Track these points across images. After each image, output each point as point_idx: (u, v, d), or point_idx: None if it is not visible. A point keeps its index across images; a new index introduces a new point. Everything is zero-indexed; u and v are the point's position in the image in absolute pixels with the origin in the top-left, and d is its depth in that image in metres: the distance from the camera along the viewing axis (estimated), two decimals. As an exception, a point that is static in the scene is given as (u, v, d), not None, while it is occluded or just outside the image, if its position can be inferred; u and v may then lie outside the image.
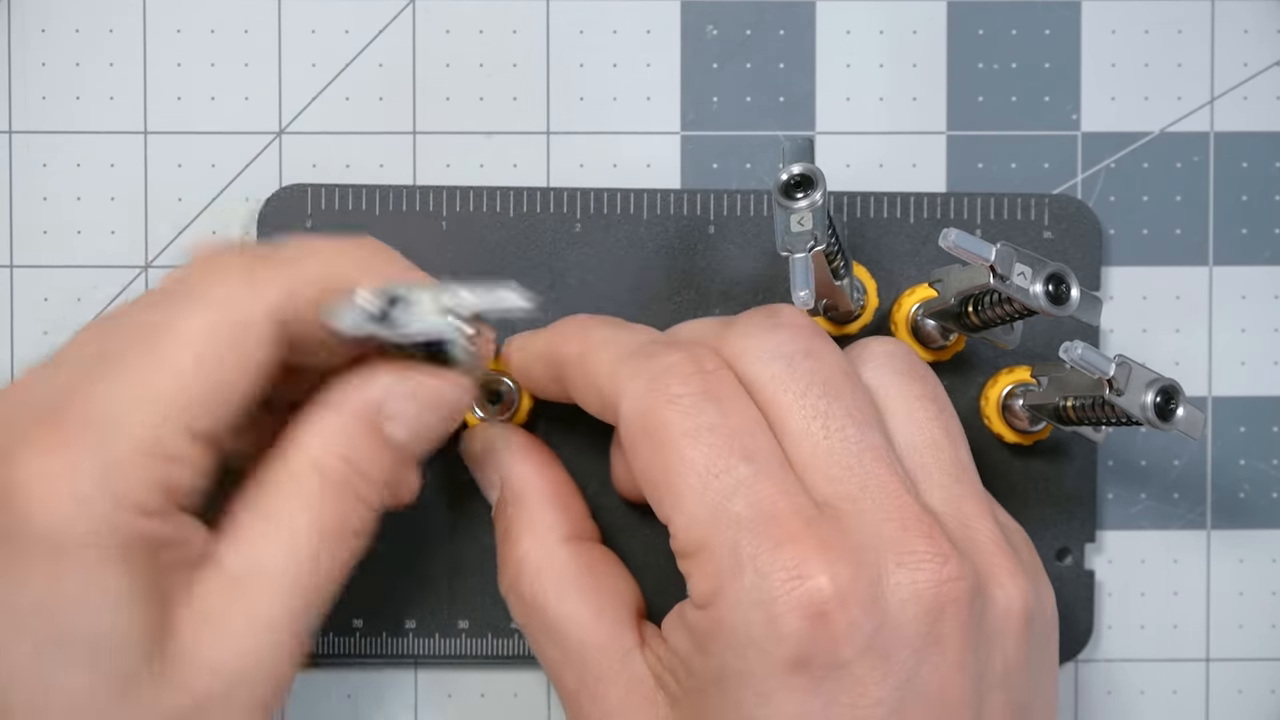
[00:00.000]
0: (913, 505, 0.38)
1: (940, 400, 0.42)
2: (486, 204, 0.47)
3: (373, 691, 0.49)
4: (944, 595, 0.37)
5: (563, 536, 0.43)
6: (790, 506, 0.38)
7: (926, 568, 0.37)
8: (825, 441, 0.39)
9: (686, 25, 0.49)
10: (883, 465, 0.39)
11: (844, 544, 0.37)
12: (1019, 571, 0.40)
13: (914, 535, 0.38)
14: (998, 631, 0.39)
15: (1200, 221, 0.49)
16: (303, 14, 0.48)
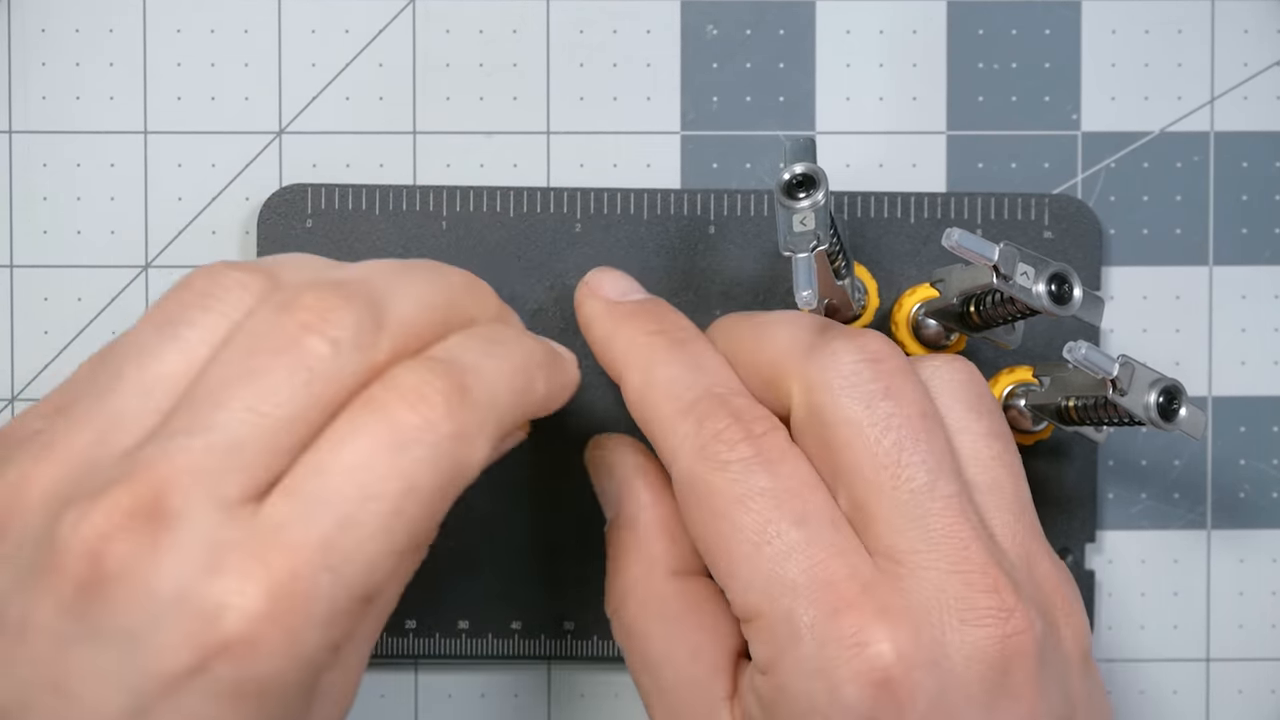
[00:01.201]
0: (979, 556, 0.38)
1: (1005, 436, 0.41)
2: (486, 204, 0.47)
3: (373, 691, 0.49)
4: (1010, 650, 0.37)
5: (670, 570, 0.42)
6: (846, 570, 0.37)
7: (991, 624, 0.37)
8: (894, 493, 0.38)
9: (686, 25, 0.49)
10: (952, 514, 0.38)
11: (904, 606, 0.37)
12: (1078, 609, 0.40)
13: (979, 591, 0.37)
14: (1064, 673, 0.39)
15: (1200, 221, 0.49)
16: (303, 14, 0.48)
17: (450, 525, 0.47)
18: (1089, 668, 0.40)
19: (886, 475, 0.38)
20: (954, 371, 0.41)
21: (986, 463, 0.40)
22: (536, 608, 0.47)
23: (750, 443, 0.39)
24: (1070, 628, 0.39)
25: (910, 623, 0.37)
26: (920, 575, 0.37)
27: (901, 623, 0.37)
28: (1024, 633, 0.37)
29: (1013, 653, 0.37)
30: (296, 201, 0.47)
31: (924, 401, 0.39)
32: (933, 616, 0.37)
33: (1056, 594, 0.39)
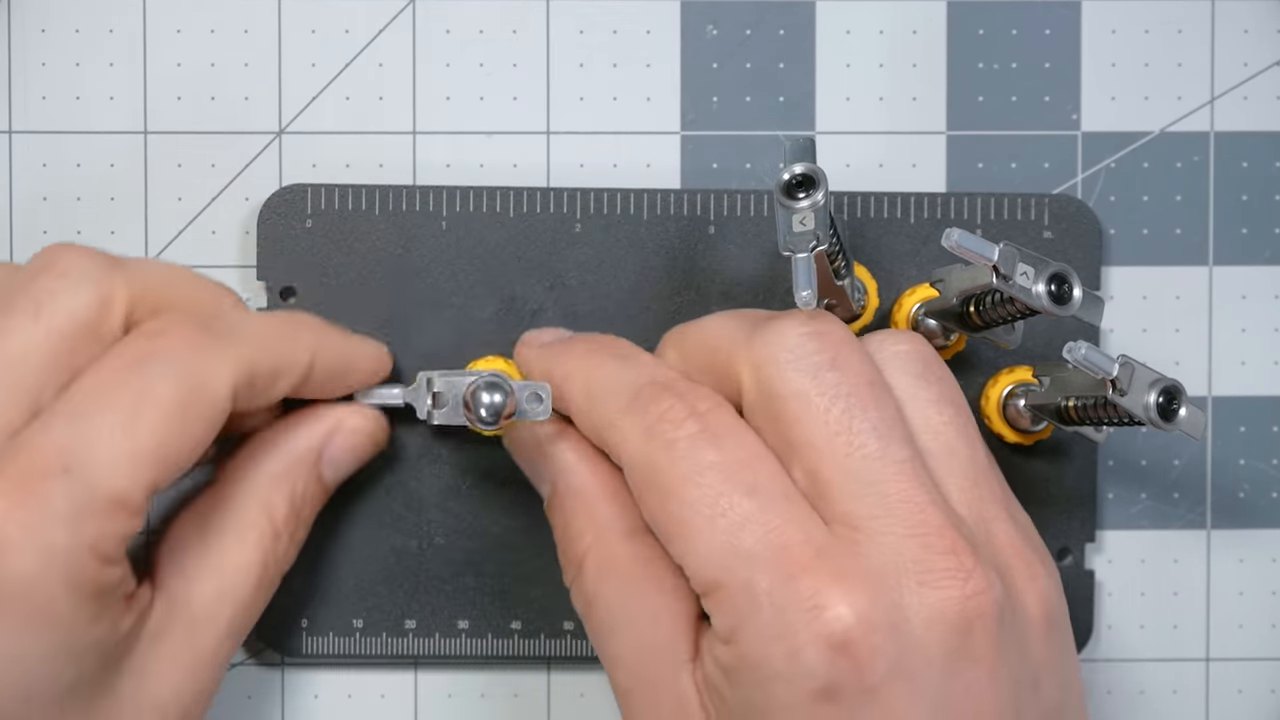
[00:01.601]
0: (935, 519, 0.38)
1: (956, 401, 0.41)
2: (486, 204, 0.47)
3: (373, 691, 0.49)
4: (970, 610, 0.37)
5: (623, 531, 0.42)
6: (800, 536, 0.37)
7: (950, 585, 0.37)
8: (847, 460, 0.38)
9: (686, 25, 0.49)
10: (906, 479, 0.38)
11: (860, 569, 0.37)
12: (1039, 571, 0.39)
13: (936, 553, 0.37)
14: (1025, 636, 0.39)
15: (1200, 221, 0.49)
16: (303, 14, 0.48)
17: (450, 526, 0.47)
18: (1054, 630, 0.40)
19: (839, 443, 0.38)
20: (898, 342, 0.41)
21: (938, 429, 0.40)
22: (536, 608, 0.47)
23: (695, 419, 0.39)
24: (1033, 591, 0.39)
25: (868, 586, 0.37)
26: (877, 540, 0.37)
27: (859, 586, 0.37)
28: (983, 593, 0.37)
29: (973, 614, 0.37)
30: (296, 201, 0.47)
31: (870, 371, 0.40)
32: (890, 579, 0.37)
33: (1017, 558, 0.39)
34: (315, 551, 0.47)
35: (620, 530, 0.42)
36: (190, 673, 0.40)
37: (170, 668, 0.40)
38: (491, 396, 0.42)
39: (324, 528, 0.47)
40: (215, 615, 0.41)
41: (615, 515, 0.43)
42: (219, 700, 0.48)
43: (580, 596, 0.43)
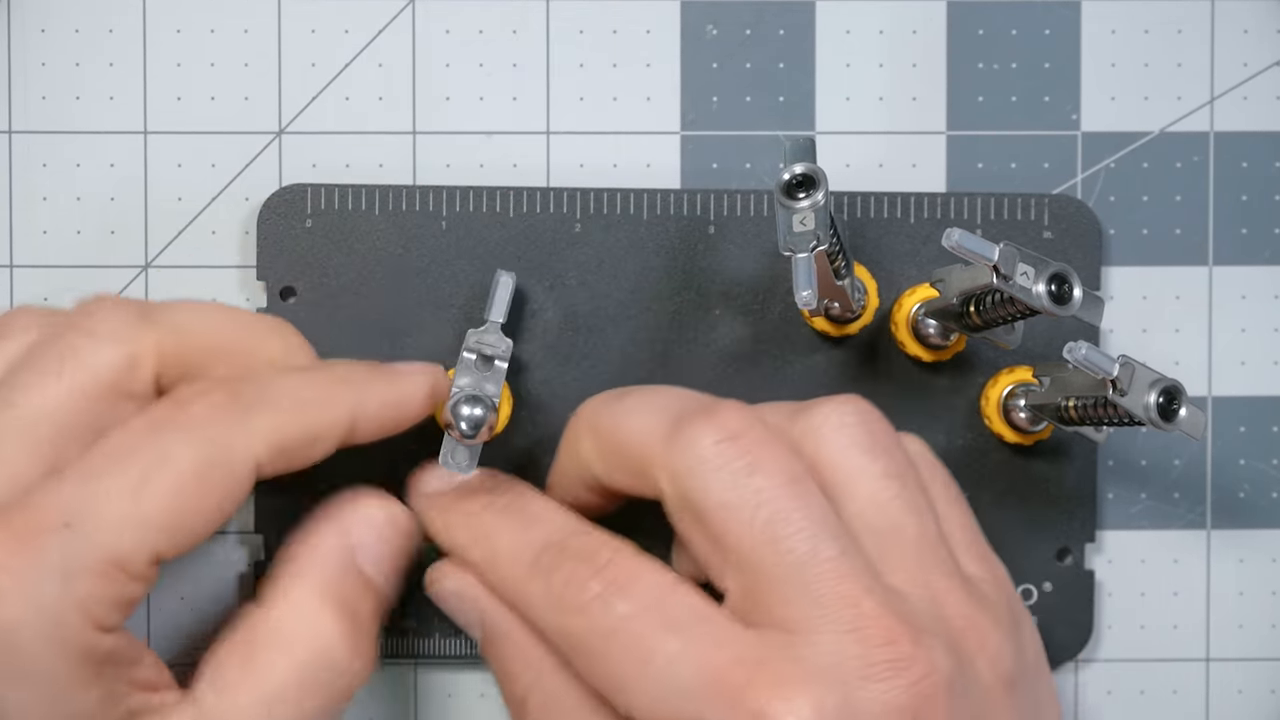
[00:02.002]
0: (872, 610, 0.37)
1: (903, 474, 0.40)
2: (486, 204, 0.47)
3: (373, 691, 0.49)
4: (917, 696, 0.37)
5: (559, 665, 0.41)
6: (731, 658, 0.37)
7: (893, 675, 0.37)
8: (776, 567, 0.38)
9: (686, 25, 0.49)
10: (838, 576, 0.38)
11: (801, 675, 0.37)
12: (994, 634, 0.39)
13: (875, 645, 0.37)
14: (984, 703, 0.38)
15: (1200, 221, 0.49)
16: (303, 14, 0.48)
17: (450, 525, 0.47)
18: (1014, 692, 0.39)
19: (766, 551, 0.38)
20: (844, 415, 0.40)
21: (885, 505, 0.40)
22: (536, 608, 0.47)
23: (598, 578, 0.39)
24: (984, 657, 0.39)
25: (811, 689, 0.36)
26: (815, 641, 0.37)
27: (801, 691, 0.36)
28: (927, 677, 0.37)
29: (920, 699, 0.37)
30: (296, 201, 0.47)
31: (791, 466, 0.39)
32: (833, 678, 0.37)
33: (969, 628, 0.39)
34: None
35: (554, 664, 0.41)
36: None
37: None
38: (472, 410, 0.43)
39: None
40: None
41: (548, 651, 0.42)
42: (219, 700, 0.48)
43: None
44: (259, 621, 0.40)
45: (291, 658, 0.39)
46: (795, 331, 0.47)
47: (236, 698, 0.39)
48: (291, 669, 0.39)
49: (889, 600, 0.38)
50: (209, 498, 0.38)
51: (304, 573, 0.41)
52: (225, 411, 0.39)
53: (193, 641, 0.48)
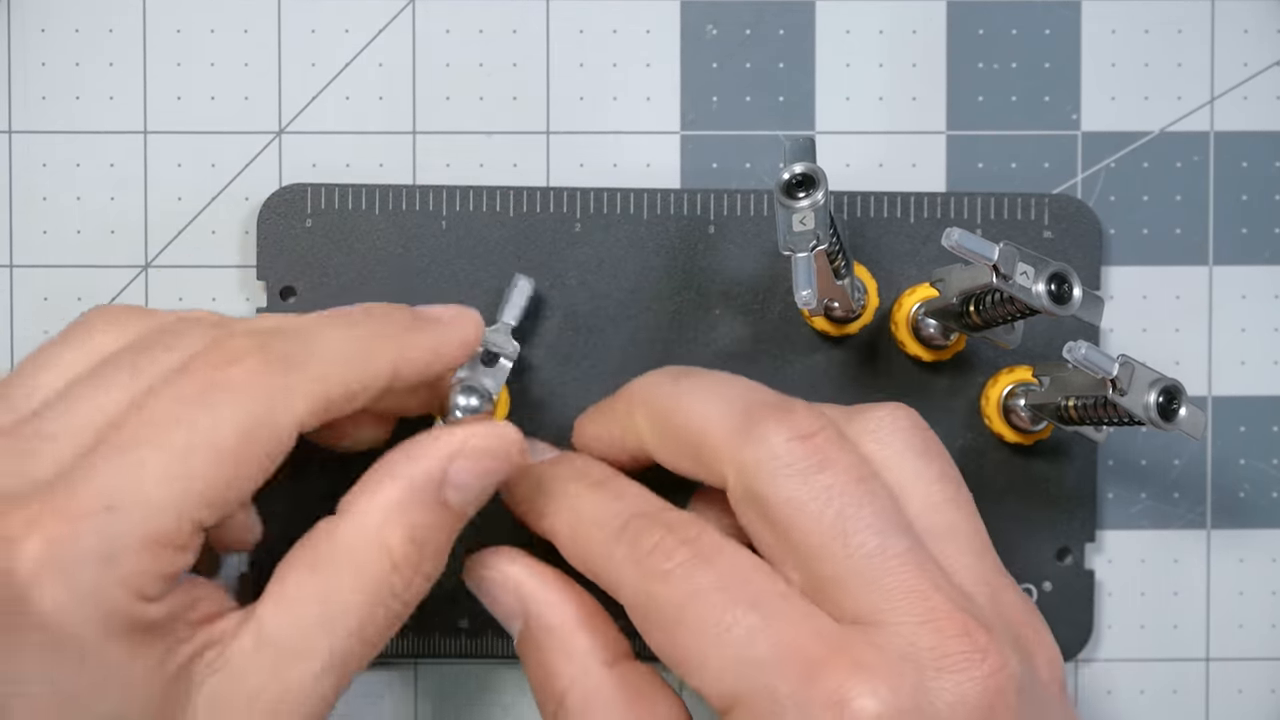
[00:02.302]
0: (944, 604, 0.38)
1: (955, 478, 0.41)
2: (486, 204, 0.47)
3: (373, 691, 0.49)
4: (991, 690, 0.37)
5: (603, 662, 0.42)
6: (812, 635, 0.37)
7: (968, 667, 0.37)
8: (847, 560, 0.38)
9: (686, 25, 0.49)
10: (909, 570, 0.38)
11: (878, 659, 0.37)
12: (1047, 639, 0.40)
13: (949, 636, 0.37)
14: (1044, 701, 0.39)
15: (1200, 221, 0.49)
16: (303, 14, 0.48)
17: (450, 525, 0.47)
18: (1064, 696, 0.40)
19: (836, 545, 0.38)
20: (898, 419, 0.41)
21: (941, 507, 0.40)
22: (536, 608, 0.47)
23: (686, 546, 0.39)
24: (1043, 657, 0.39)
25: (888, 675, 0.36)
26: (890, 631, 0.37)
27: (879, 675, 0.36)
28: (1000, 670, 0.37)
29: (993, 692, 0.37)
30: (296, 201, 0.47)
31: (859, 465, 0.39)
32: (909, 667, 0.37)
33: (1026, 626, 0.40)
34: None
35: (601, 661, 0.42)
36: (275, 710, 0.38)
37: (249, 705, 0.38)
38: (468, 400, 0.42)
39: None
40: (312, 648, 0.38)
41: (595, 646, 0.42)
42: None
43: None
44: (325, 536, 0.39)
45: (355, 579, 0.39)
46: (795, 331, 0.47)
47: (298, 615, 0.38)
48: (355, 587, 0.39)
49: (958, 597, 0.38)
50: (252, 464, 0.37)
51: (383, 492, 0.40)
52: (267, 375, 0.38)
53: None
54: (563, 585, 0.43)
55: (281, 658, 0.38)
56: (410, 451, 0.40)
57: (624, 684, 0.41)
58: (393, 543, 0.39)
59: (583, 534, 0.41)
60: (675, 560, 0.39)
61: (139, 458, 0.36)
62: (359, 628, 0.39)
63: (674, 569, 0.39)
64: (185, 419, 0.37)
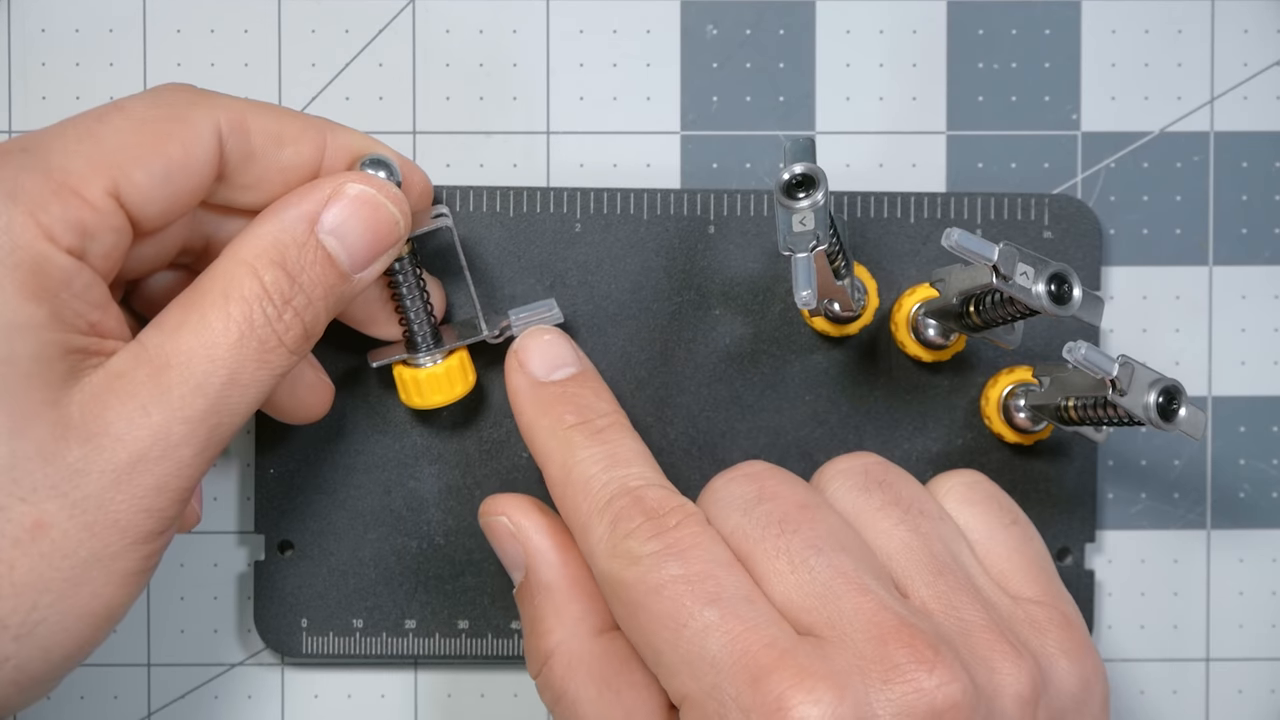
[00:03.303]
0: (890, 619, 0.38)
1: (904, 501, 0.42)
2: (486, 204, 0.47)
3: (373, 691, 0.49)
4: (938, 703, 0.37)
5: (593, 628, 0.42)
6: (762, 640, 0.37)
7: (912, 680, 0.37)
8: (792, 576, 0.39)
9: (686, 25, 0.49)
10: (851, 586, 0.39)
11: (824, 669, 0.37)
12: (1019, 654, 0.39)
13: (894, 647, 0.37)
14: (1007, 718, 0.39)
15: (1200, 221, 0.49)
16: (303, 14, 0.48)
17: (450, 526, 0.47)
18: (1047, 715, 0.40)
19: (781, 564, 0.39)
20: (841, 463, 0.43)
21: (888, 530, 0.41)
22: (536, 608, 0.47)
23: (660, 537, 0.39)
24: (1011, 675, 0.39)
25: (832, 683, 0.37)
26: (840, 643, 0.38)
27: (822, 683, 0.37)
28: (950, 683, 0.37)
29: (941, 707, 0.37)
30: (296, 201, 0.47)
31: (802, 495, 0.41)
32: (856, 679, 0.37)
33: (995, 642, 0.39)
34: (315, 551, 0.47)
35: (590, 627, 0.42)
36: (152, 414, 0.38)
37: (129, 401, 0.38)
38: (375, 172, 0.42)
39: (324, 527, 0.47)
40: (188, 365, 0.39)
41: (586, 611, 0.43)
42: (218, 700, 0.48)
43: (547, 690, 0.43)
44: (205, 274, 0.40)
45: (229, 303, 0.39)
46: (795, 331, 0.47)
47: (178, 337, 0.39)
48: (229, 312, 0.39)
49: (909, 615, 0.38)
50: (166, 141, 0.39)
51: (257, 229, 0.41)
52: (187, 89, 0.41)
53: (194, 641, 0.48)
54: (568, 546, 0.44)
55: (159, 369, 0.38)
56: (284, 199, 0.41)
57: (608, 653, 0.42)
58: (261, 266, 0.40)
59: (570, 495, 0.42)
60: (648, 549, 0.39)
61: (59, 124, 0.39)
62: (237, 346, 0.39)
63: (645, 557, 0.39)
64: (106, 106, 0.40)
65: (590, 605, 0.43)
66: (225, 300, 0.39)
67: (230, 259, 0.40)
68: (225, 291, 0.39)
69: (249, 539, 0.48)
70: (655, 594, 0.39)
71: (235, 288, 0.39)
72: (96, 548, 0.37)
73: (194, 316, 0.39)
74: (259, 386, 0.40)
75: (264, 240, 0.40)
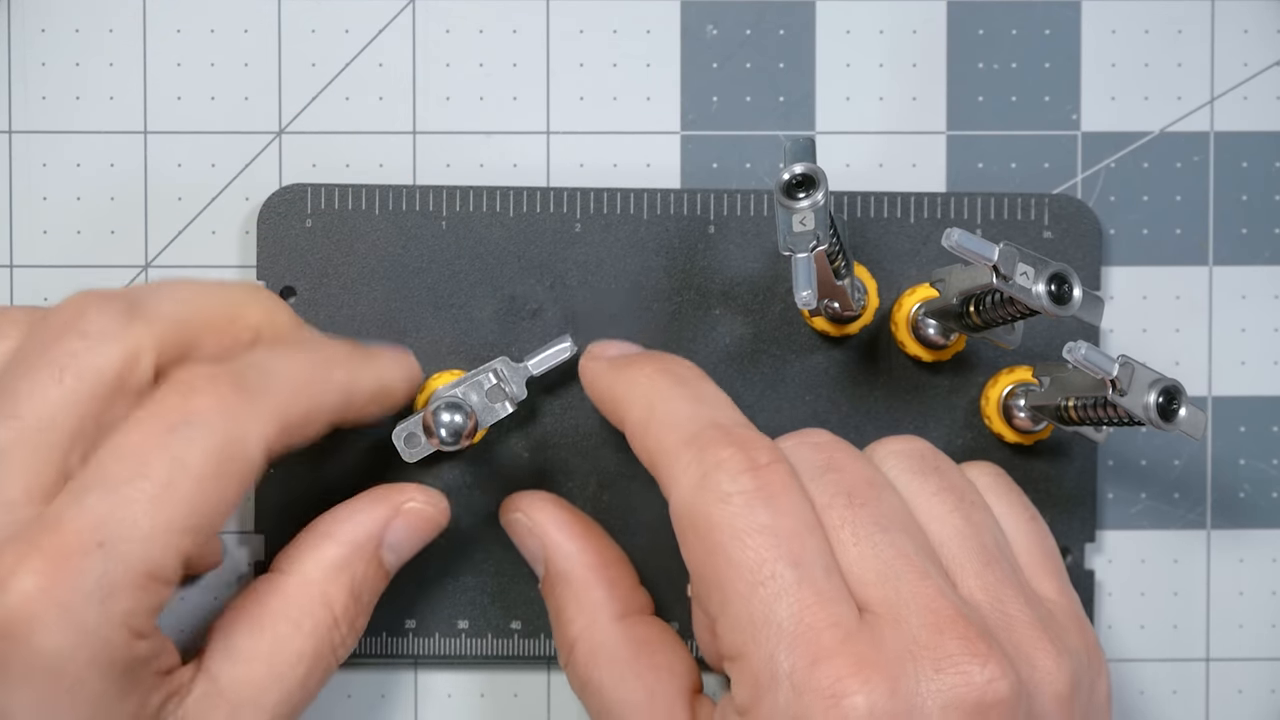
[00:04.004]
0: (947, 607, 0.38)
1: (958, 489, 0.42)
2: (486, 204, 0.47)
3: (373, 691, 0.49)
4: (986, 697, 0.37)
5: (613, 615, 0.43)
6: (829, 618, 0.37)
7: (965, 671, 0.37)
8: (855, 549, 0.39)
9: (686, 25, 0.49)
10: (912, 569, 0.39)
11: (880, 659, 0.37)
12: (1060, 652, 0.39)
13: (949, 638, 0.37)
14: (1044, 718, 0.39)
15: (1200, 221, 0.49)
16: (303, 14, 0.48)
17: (451, 525, 0.47)
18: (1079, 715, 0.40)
19: (845, 534, 0.39)
20: (896, 444, 0.43)
21: (943, 517, 0.41)
22: (536, 608, 0.47)
23: (753, 474, 0.39)
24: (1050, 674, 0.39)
25: (887, 674, 0.37)
26: (897, 626, 0.38)
27: (877, 674, 0.37)
28: (999, 679, 0.37)
29: (989, 702, 0.37)
30: (296, 201, 0.47)
31: (869, 471, 0.41)
32: (909, 666, 0.37)
33: (1037, 640, 0.39)
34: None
35: (610, 614, 0.43)
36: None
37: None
38: (452, 416, 0.43)
39: (324, 528, 0.47)
40: (260, 700, 0.40)
41: (605, 599, 0.43)
42: (219, 700, 0.48)
43: (574, 680, 0.43)
44: (271, 591, 0.41)
45: (299, 635, 0.40)
46: (795, 331, 0.47)
47: (250, 668, 0.40)
48: (300, 646, 0.40)
49: (960, 604, 0.38)
50: (228, 489, 0.38)
51: (325, 550, 0.42)
52: (233, 401, 0.39)
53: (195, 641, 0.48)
54: (584, 535, 0.44)
55: (234, 708, 0.39)
56: (351, 513, 0.43)
57: (630, 638, 0.42)
58: (335, 598, 0.41)
59: (654, 428, 0.41)
60: (738, 486, 0.38)
61: (123, 493, 0.37)
62: (305, 677, 0.41)
63: (734, 495, 0.38)
64: (162, 451, 0.37)
65: (610, 592, 0.43)
66: (298, 632, 0.41)
67: (299, 583, 0.41)
68: (298, 622, 0.41)
69: (249, 539, 0.48)
70: (739, 541, 0.38)
71: (308, 618, 0.41)
72: None
73: (264, 648, 0.40)
74: (308, 699, 0.41)
75: (334, 565, 0.42)
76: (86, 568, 0.36)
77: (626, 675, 0.42)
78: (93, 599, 0.36)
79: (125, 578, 0.36)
